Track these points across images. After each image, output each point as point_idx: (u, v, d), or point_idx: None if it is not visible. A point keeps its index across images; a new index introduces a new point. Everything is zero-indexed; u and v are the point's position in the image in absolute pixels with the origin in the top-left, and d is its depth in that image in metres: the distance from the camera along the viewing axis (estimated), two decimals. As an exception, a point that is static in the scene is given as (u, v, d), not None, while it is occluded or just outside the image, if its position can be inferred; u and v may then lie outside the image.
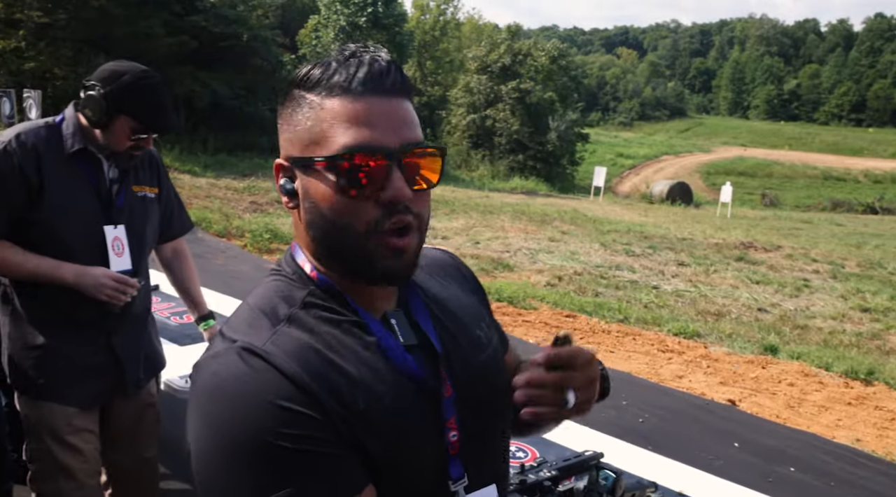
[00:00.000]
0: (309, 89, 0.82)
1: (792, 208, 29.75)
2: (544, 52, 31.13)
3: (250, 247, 8.93)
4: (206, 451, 0.75)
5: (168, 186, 2.21)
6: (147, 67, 1.91)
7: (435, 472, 0.85)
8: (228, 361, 0.77)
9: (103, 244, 1.93)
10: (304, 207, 0.84)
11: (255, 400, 0.74)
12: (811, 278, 9.66)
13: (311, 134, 0.81)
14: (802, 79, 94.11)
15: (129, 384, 2.04)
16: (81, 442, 1.95)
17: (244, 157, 18.29)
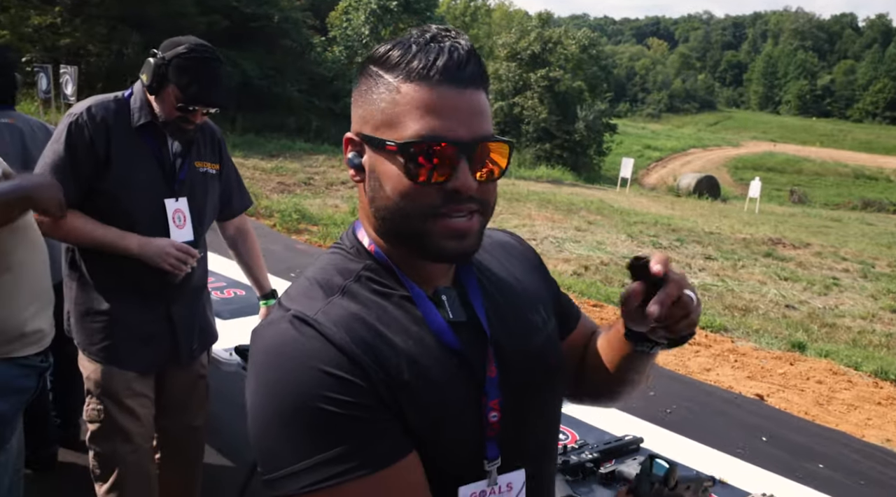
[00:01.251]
0: (387, 69, 0.82)
1: (821, 206, 29.29)
2: (574, 40, 30.86)
3: (279, 227, 9.01)
4: (259, 412, 0.79)
5: (229, 164, 2.26)
6: (206, 43, 1.93)
7: (471, 450, 0.86)
8: (281, 329, 0.80)
9: (164, 216, 1.98)
10: (369, 184, 0.86)
11: (302, 365, 0.77)
12: (840, 277, 9.53)
13: (385, 115, 0.82)
14: (837, 74, 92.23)
15: (183, 354, 2.10)
16: (138, 406, 2.02)
17: (272, 138, 18.41)
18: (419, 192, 0.81)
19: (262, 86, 19.57)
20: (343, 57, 23.07)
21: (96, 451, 2.05)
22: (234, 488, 2.62)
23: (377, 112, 0.83)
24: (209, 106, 1.96)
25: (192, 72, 1.87)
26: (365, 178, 0.86)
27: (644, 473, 0.95)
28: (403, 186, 0.81)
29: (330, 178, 13.96)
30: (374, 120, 0.83)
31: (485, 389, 0.86)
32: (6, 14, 17.28)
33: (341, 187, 13.28)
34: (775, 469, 1.98)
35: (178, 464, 2.22)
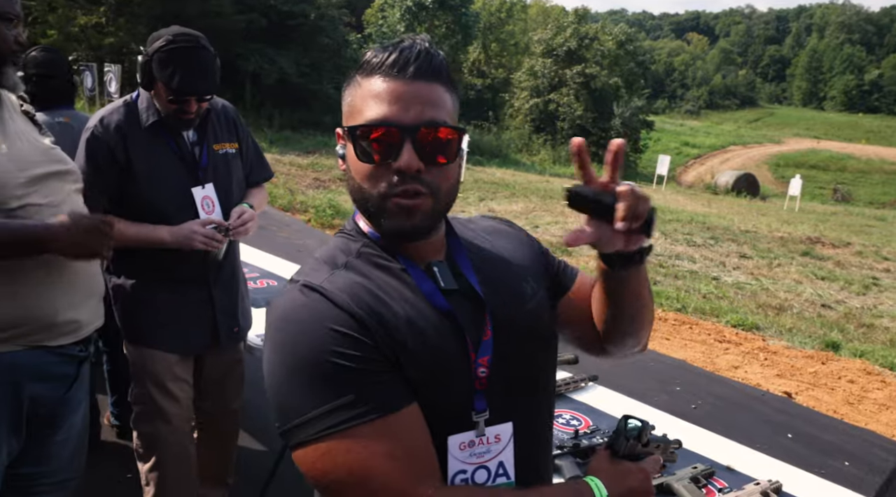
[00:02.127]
0: (357, 71, 0.97)
1: (865, 204, 28.54)
2: (611, 36, 30.58)
3: (314, 222, 9.18)
4: (275, 370, 0.89)
5: (247, 139, 2.30)
6: (188, 31, 1.96)
7: (461, 403, 0.95)
8: (292, 296, 0.92)
9: (193, 205, 2.07)
10: (346, 171, 0.98)
11: (312, 325, 0.88)
12: (881, 277, 9.33)
13: (350, 107, 0.96)
14: (885, 69, 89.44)
15: (223, 337, 2.21)
16: (179, 390, 2.14)
17: (308, 135, 18.67)
18: (373, 173, 0.93)
19: (299, 83, 19.87)
20: (379, 54, 23.28)
21: (140, 431, 2.18)
22: (264, 469, 2.73)
23: (346, 106, 0.97)
24: (195, 95, 1.96)
25: (173, 64, 1.90)
26: (347, 164, 0.98)
27: (619, 431, 1.01)
28: (360, 168, 0.94)
29: (364, 174, 14.11)
30: (345, 113, 0.97)
31: (473, 348, 0.96)
32: (54, 14, 17.82)
33: (375, 183, 13.43)
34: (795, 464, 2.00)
35: (214, 444, 2.35)
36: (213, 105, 2.17)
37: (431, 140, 0.92)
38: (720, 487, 1.70)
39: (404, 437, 0.87)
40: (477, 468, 0.97)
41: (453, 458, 0.95)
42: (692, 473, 1.69)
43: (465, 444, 0.96)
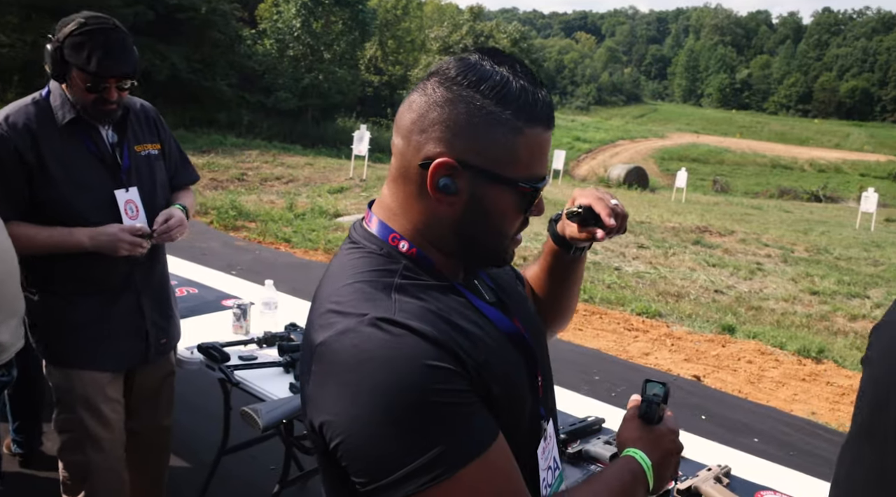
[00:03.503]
0: (503, 106, 0.85)
1: (742, 195, 30.62)
2: (506, 34, 31.23)
3: (216, 223, 8.83)
4: (363, 421, 0.77)
5: (170, 141, 2.16)
6: (99, 13, 1.84)
7: (531, 413, 0.95)
8: (366, 333, 0.79)
9: (116, 209, 1.92)
10: (466, 211, 0.88)
11: (407, 363, 0.77)
12: (763, 262, 10.03)
13: (508, 152, 0.86)
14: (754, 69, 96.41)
15: (153, 349, 2.06)
16: (112, 411, 1.98)
17: (202, 133, 17.95)
18: (517, 221, 0.92)
19: (191, 79, 19.04)
20: (274, 50, 22.64)
21: (68, 461, 2.00)
22: (193, 488, 2.60)
23: (496, 146, 0.86)
24: (116, 76, 1.82)
25: (89, 45, 1.76)
26: (458, 202, 0.87)
27: (647, 398, 1.04)
28: (513, 218, 0.91)
29: (264, 173, 13.73)
30: (488, 153, 0.86)
31: (533, 358, 0.97)
32: None
33: (276, 183, 13.09)
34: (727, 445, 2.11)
35: (145, 465, 2.19)
36: (132, 104, 2.03)
37: None
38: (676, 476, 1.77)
39: (502, 468, 0.82)
40: (547, 470, 0.99)
41: (541, 469, 0.96)
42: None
43: (541, 451, 0.97)
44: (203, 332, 2.48)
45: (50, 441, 2.88)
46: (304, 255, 7.73)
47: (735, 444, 3.61)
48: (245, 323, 2.54)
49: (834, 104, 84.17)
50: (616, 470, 0.96)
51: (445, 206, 0.88)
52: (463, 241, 0.91)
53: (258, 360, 2.26)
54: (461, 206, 0.88)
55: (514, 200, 0.88)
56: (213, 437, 2.67)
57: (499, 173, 0.86)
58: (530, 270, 1.26)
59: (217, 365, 2.18)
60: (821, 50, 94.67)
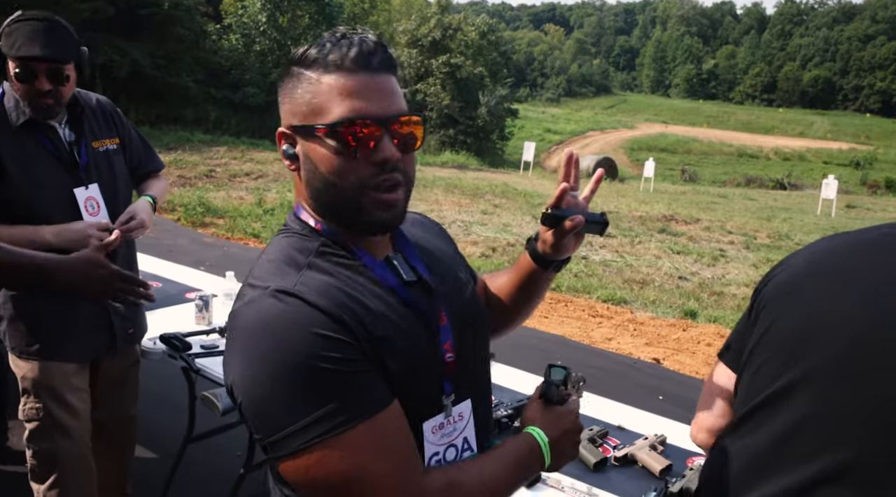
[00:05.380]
0: (307, 66, 0.94)
1: (709, 183, 31.11)
2: (474, 27, 31.26)
3: (184, 220, 8.80)
4: (255, 381, 0.86)
5: (130, 133, 2.19)
6: (40, 11, 1.86)
7: (434, 389, 1.00)
8: (266, 304, 0.89)
9: (77, 207, 1.96)
10: (304, 169, 0.97)
11: (297, 331, 0.86)
12: (727, 249, 10.27)
13: (311, 106, 0.94)
14: (720, 59, 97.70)
15: (119, 340, 2.11)
16: (78, 401, 2.03)
17: (168, 131, 17.74)
18: (350, 167, 0.93)
19: (155, 76, 18.77)
20: (240, 45, 22.43)
21: (36, 449, 2.04)
22: (160, 478, 2.65)
23: (303, 104, 0.94)
24: (38, 60, 1.82)
25: (18, 33, 1.80)
26: (299, 165, 0.97)
27: (548, 381, 1.10)
28: (337, 165, 0.93)
29: (232, 169, 13.65)
30: (300, 112, 0.95)
31: (440, 335, 1.01)
32: None
33: (245, 179, 13.03)
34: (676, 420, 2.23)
35: (112, 454, 2.24)
36: (87, 100, 2.06)
37: (405, 131, 0.96)
38: (614, 445, 1.88)
39: (391, 434, 0.89)
40: (447, 447, 1.03)
41: (428, 442, 1.00)
42: (589, 435, 1.85)
43: (437, 427, 1.00)
44: (166, 324, 2.53)
45: (16, 436, 2.91)
46: (273, 250, 7.74)
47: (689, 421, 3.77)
48: (207, 314, 2.60)
49: (797, 93, 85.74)
50: (513, 444, 1.03)
51: (297, 173, 0.99)
52: (319, 202, 0.98)
53: (219, 349, 2.32)
54: (302, 167, 0.98)
55: (330, 147, 0.93)
56: (179, 426, 2.72)
57: (310, 124, 0.94)
58: (497, 280, 1.30)
59: (179, 354, 2.24)
60: (784, 40, 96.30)
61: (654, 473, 1.73)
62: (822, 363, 0.92)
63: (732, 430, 1.04)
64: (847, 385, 0.89)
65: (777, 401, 0.95)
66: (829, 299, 0.94)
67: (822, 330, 0.93)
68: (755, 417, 0.99)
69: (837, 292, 0.93)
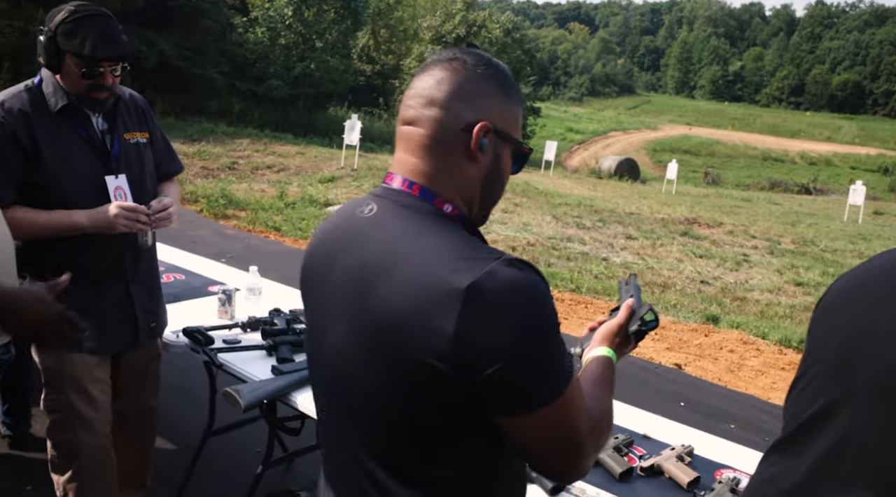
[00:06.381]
0: (510, 84, 1.06)
1: (733, 187, 30.76)
2: (499, 24, 31.12)
3: (206, 212, 8.85)
4: (539, 336, 0.90)
5: (158, 131, 2.22)
6: (86, 2, 1.89)
7: None
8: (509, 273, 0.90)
9: (106, 195, 1.97)
10: (491, 166, 1.04)
11: (547, 296, 0.92)
12: (750, 253, 10.14)
13: (512, 123, 1.06)
14: (746, 61, 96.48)
15: (141, 334, 2.12)
16: (99, 392, 2.03)
17: (192, 122, 17.87)
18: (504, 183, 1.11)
19: (181, 67, 18.91)
20: (266, 38, 22.51)
21: (57, 440, 2.05)
22: (180, 470, 2.66)
23: (511, 116, 1.05)
24: (110, 60, 1.88)
25: (82, 31, 1.83)
26: (485, 160, 1.03)
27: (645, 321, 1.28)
28: (508, 177, 1.09)
29: (255, 162, 13.73)
30: (507, 121, 1.04)
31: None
32: None
33: (267, 172, 13.09)
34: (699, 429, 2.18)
35: (132, 445, 2.24)
36: (122, 93, 2.08)
37: None
38: (640, 455, 1.84)
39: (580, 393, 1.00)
40: None
41: None
42: (614, 443, 1.81)
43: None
44: (189, 317, 2.53)
45: (39, 423, 2.93)
46: (294, 244, 7.76)
47: (712, 430, 3.71)
48: (230, 308, 2.60)
49: (826, 97, 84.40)
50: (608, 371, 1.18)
51: (477, 166, 1.03)
52: (485, 198, 1.06)
53: (242, 344, 2.32)
54: (487, 165, 1.03)
55: (509, 162, 1.07)
56: (199, 419, 2.72)
57: (514, 137, 1.05)
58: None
59: (201, 348, 2.24)
60: (813, 43, 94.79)
61: (681, 485, 1.69)
62: (863, 382, 0.88)
63: (780, 448, 1.00)
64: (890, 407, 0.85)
65: (819, 421, 0.92)
66: (875, 315, 0.89)
67: (866, 346, 0.89)
68: (800, 438, 0.95)
69: (883, 308, 0.89)
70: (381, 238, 0.98)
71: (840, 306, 0.95)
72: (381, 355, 0.94)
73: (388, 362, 0.93)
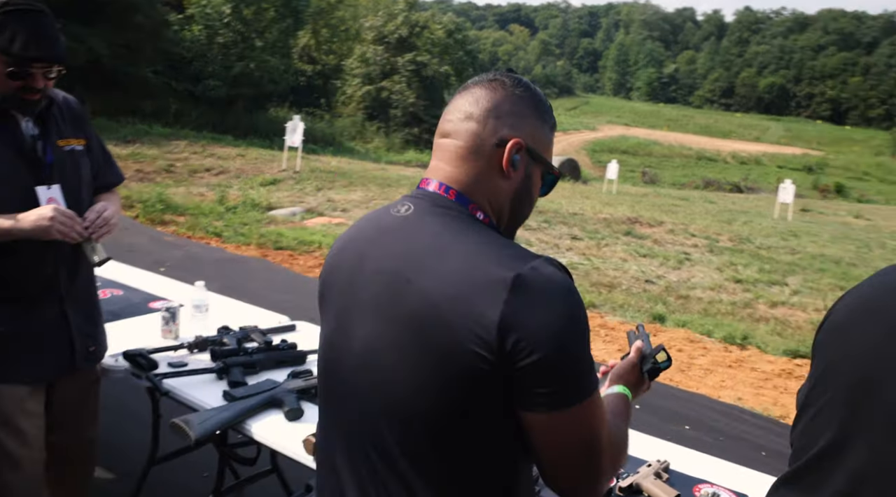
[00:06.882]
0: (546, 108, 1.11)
1: (670, 186, 31.59)
2: (441, 25, 31.16)
3: (142, 217, 8.49)
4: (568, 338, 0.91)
5: (95, 138, 2.03)
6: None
7: None
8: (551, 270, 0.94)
9: (37, 206, 1.78)
10: (522, 183, 1.08)
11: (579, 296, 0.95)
12: (691, 252, 10.36)
13: (545, 145, 1.10)
14: (680, 64, 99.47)
15: (79, 359, 1.94)
16: (31, 427, 1.84)
17: (126, 123, 17.22)
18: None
19: (113, 65, 18.19)
20: (203, 36, 21.89)
21: None
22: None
23: (544, 138, 1.10)
24: (43, 61, 1.71)
25: (12, 26, 1.65)
26: (517, 178, 1.07)
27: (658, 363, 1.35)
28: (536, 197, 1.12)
29: (193, 165, 13.30)
30: (540, 143, 1.09)
31: None
32: None
33: (206, 175, 12.70)
34: (649, 433, 2.16)
35: (68, 482, 2.05)
36: (55, 96, 1.90)
37: None
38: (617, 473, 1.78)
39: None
40: None
41: None
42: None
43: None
44: (129, 338, 2.37)
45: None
46: (237, 251, 7.52)
47: (667, 433, 3.73)
48: (174, 327, 2.44)
49: (754, 99, 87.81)
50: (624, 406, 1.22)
51: (508, 181, 1.06)
52: (513, 213, 1.09)
53: (189, 367, 2.17)
54: (518, 182, 1.07)
55: (538, 183, 1.11)
56: (143, 446, 2.55)
57: (548, 161, 1.10)
58: None
59: (144, 373, 2.08)
60: (742, 47, 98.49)
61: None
62: (880, 413, 0.83)
63: (792, 481, 0.95)
64: None
65: (836, 454, 0.87)
66: (890, 343, 0.85)
67: (882, 375, 0.84)
68: (813, 472, 0.90)
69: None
70: (417, 233, 1.00)
71: (850, 331, 0.90)
72: (422, 347, 0.93)
73: (428, 354, 0.93)
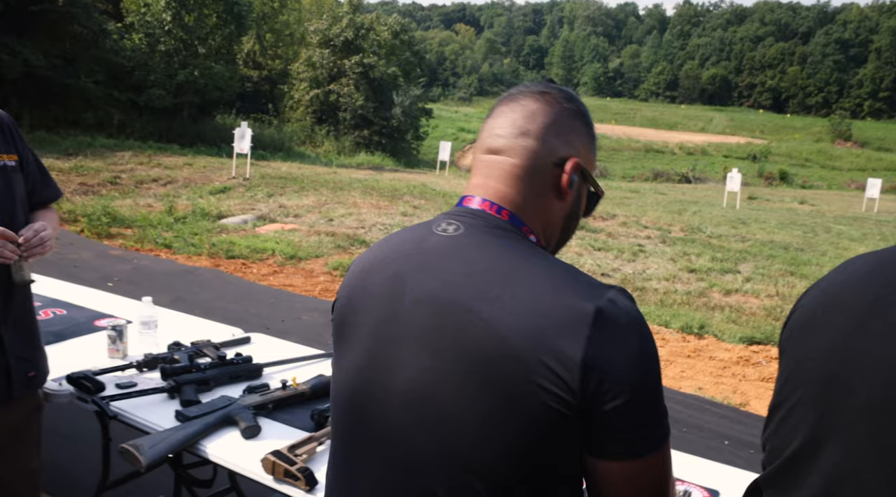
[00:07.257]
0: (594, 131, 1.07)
1: (620, 179, 32.09)
2: (386, 26, 31.03)
3: (88, 232, 8.21)
4: (658, 371, 0.87)
5: (27, 153, 1.93)
6: None
7: None
8: (628, 304, 0.88)
9: None
10: (574, 203, 1.04)
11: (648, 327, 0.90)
12: (644, 243, 10.52)
13: (594, 163, 1.07)
14: (625, 58, 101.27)
15: (16, 386, 1.82)
16: None
17: (67, 135, 16.69)
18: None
19: (50, 77, 17.59)
20: (143, 45, 21.33)
21: None
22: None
23: (592, 156, 1.05)
24: None
25: None
26: (570, 197, 1.02)
27: None
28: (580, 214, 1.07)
29: (139, 175, 12.95)
30: (589, 161, 1.04)
31: None
32: None
33: (153, 185, 12.38)
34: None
35: (9, 518, 1.94)
36: None
37: None
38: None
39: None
40: None
41: None
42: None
43: None
44: (73, 360, 2.25)
45: None
46: (188, 262, 7.32)
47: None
48: (122, 345, 2.33)
49: (697, 91, 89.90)
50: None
51: (562, 203, 1.01)
52: (563, 235, 1.05)
53: (138, 387, 2.07)
54: (570, 203, 1.02)
55: (584, 203, 1.07)
56: (94, 471, 2.44)
57: (593, 178, 1.05)
58: None
59: (90, 397, 1.98)
60: (684, 40, 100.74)
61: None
62: (853, 410, 0.82)
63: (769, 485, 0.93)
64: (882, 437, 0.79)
65: (811, 455, 0.85)
66: (858, 337, 0.83)
67: (851, 371, 0.83)
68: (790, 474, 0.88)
69: (866, 329, 0.83)
70: (474, 257, 0.92)
71: (816, 328, 0.88)
72: (485, 384, 0.85)
73: (493, 392, 0.84)
